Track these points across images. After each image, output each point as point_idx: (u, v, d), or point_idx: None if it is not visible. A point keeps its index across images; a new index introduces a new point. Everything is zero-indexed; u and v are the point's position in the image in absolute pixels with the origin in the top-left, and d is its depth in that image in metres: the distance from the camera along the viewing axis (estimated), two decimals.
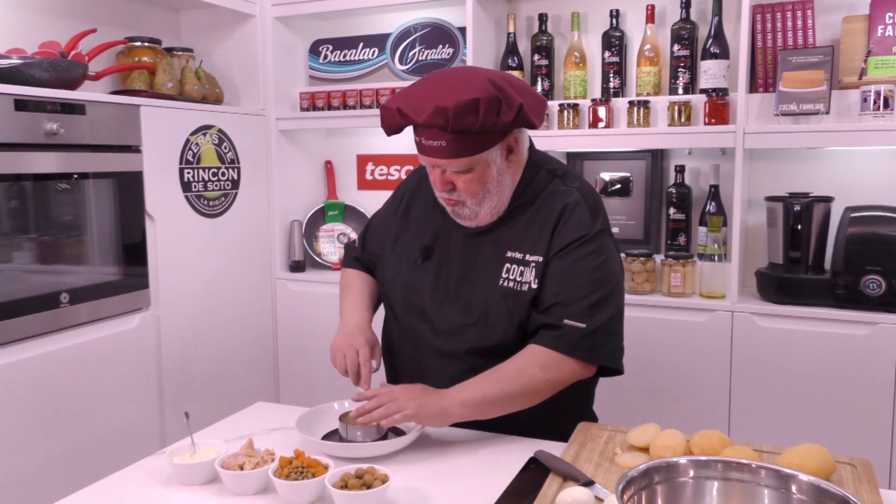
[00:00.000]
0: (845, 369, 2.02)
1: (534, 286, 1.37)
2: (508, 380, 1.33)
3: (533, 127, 1.36)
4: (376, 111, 2.63)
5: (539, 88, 2.51)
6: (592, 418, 1.59)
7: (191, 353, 2.36)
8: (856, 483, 1.10)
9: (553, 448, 1.27)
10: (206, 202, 2.41)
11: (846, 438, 2.02)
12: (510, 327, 1.38)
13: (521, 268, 1.38)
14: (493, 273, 1.40)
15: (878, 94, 1.96)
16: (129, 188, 2.13)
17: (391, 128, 1.38)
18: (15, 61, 1.84)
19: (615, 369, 1.40)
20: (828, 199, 2.14)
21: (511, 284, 1.38)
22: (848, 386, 2.01)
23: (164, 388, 2.25)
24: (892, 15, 2.07)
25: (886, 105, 1.96)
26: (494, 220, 1.42)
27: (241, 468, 1.17)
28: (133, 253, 2.15)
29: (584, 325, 1.34)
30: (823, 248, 2.13)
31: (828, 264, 2.13)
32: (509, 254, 1.40)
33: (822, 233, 2.13)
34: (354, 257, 1.67)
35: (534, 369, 1.33)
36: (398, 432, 1.34)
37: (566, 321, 1.34)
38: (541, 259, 1.38)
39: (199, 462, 1.19)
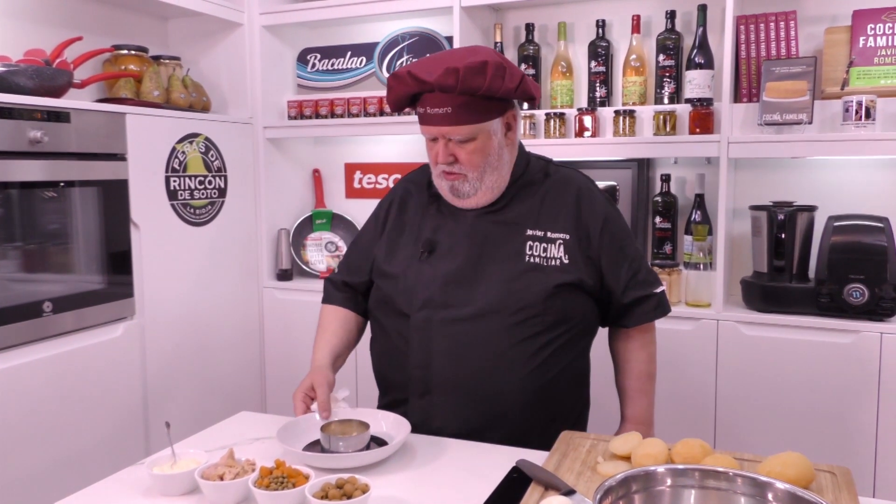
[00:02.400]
0: (829, 377, 2.02)
1: (565, 261, 1.42)
2: (653, 371, 1.58)
3: (533, 99, 1.43)
4: (365, 119, 2.63)
5: None
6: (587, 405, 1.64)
7: (176, 363, 2.35)
8: (835, 491, 1.10)
9: (535, 457, 1.27)
10: (192, 210, 2.40)
11: (830, 446, 2.02)
12: (539, 297, 1.40)
13: (545, 244, 1.43)
14: (514, 251, 1.43)
15: (859, 104, 1.98)
16: (115, 196, 2.12)
17: (398, 98, 1.42)
18: None
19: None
20: (811, 209, 2.15)
21: (537, 260, 1.42)
22: (831, 394, 2.02)
23: (149, 397, 2.24)
24: (873, 26, 2.09)
25: (868, 115, 1.98)
26: (497, 201, 1.47)
27: (221, 478, 1.16)
28: (118, 261, 2.14)
29: (664, 286, 1.55)
30: (807, 256, 2.15)
31: (812, 273, 2.14)
32: (529, 232, 1.44)
33: (806, 242, 2.14)
34: (342, 282, 1.63)
35: (653, 345, 1.58)
36: (380, 442, 1.34)
37: (657, 290, 1.52)
38: (567, 237, 1.44)
39: (178, 473, 1.19)
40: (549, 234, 1.44)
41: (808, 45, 2.25)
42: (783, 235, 2.11)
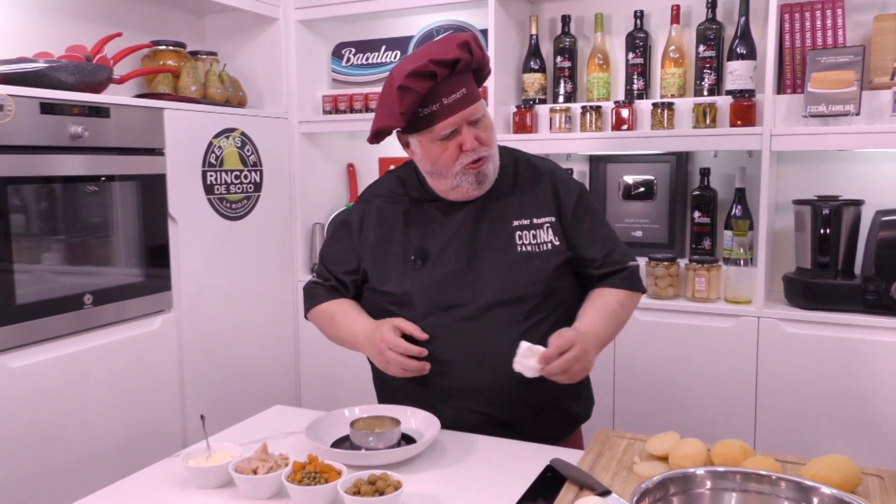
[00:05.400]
0: (875, 377, 1.96)
1: (556, 242, 1.44)
2: (619, 314, 1.46)
3: (487, 75, 1.49)
4: None
5: (562, 90, 2.48)
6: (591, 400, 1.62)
7: (212, 356, 2.38)
8: (883, 496, 1.06)
9: (569, 455, 1.25)
10: (228, 205, 2.43)
11: (876, 449, 1.96)
12: (538, 284, 1.42)
13: (534, 231, 1.45)
14: (505, 244, 1.44)
15: None
16: (153, 191, 2.15)
17: (414, 102, 1.34)
18: (41, 65, 1.87)
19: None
20: (858, 203, 2.08)
21: (529, 248, 1.44)
22: (878, 394, 1.96)
23: (186, 389, 2.27)
24: None
25: None
26: (483, 194, 1.47)
27: (255, 472, 1.16)
28: (156, 255, 2.17)
29: (636, 263, 1.53)
30: (853, 252, 2.08)
31: (858, 269, 2.07)
32: (515, 223, 1.45)
33: (852, 237, 2.07)
34: (329, 287, 1.58)
35: (628, 302, 1.49)
36: (409, 440, 1.33)
37: (630, 263, 1.51)
38: (553, 219, 1.46)
39: (213, 466, 1.20)
40: (534, 220, 1.46)
41: (855, 33, 2.17)
42: (828, 230, 2.05)
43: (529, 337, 1.37)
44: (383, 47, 2.82)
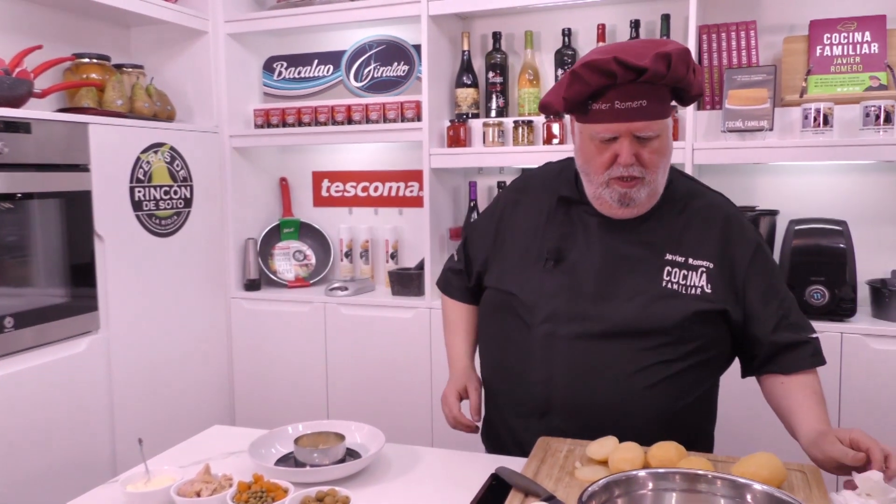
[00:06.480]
0: None
1: (707, 290, 1.31)
2: (821, 394, 1.35)
3: (697, 98, 1.34)
4: (332, 128, 2.62)
5: (494, 105, 2.54)
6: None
7: (143, 377, 2.30)
8: (805, 489, 1.13)
9: (514, 463, 1.28)
10: (157, 221, 2.36)
11: (793, 444, 2.06)
12: (675, 323, 1.30)
13: (685, 271, 1.32)
14: (650, 274, 1.32)
15: (817, 111, 2.04)
16: (78, 208, 2.07)
17: (582, 93, 1.25)
18: None
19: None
20: (773, 213, 2.21)
21: (675, 287, 1.31)
22: None
23: (116, 413, 2.19)
24: (829, 36, 2.16)
25: (826, 122, 2.04)
26: (637, 215, 1.34)
27: (199, 495, 1.14)
28: (81, 274, 2.09)
29: (816, 334, 1.36)
30: None
31: None
32: (668, 256, 1.33)
33: (769, 245, 2.19)
34: (458, 270, 1.56)
35: (819, 385, 1.36)
36: (354, 455, 1.33)
37: (811, 336, 1.35)
38: (711, 265, 1.32)
39: (153, 490, 1.16)
40: (690, 260, 1.32)
41: (767, 53, 2.31)
42: None
43: (647, 376, 1.30)
44: (315, 61, 2.82)
